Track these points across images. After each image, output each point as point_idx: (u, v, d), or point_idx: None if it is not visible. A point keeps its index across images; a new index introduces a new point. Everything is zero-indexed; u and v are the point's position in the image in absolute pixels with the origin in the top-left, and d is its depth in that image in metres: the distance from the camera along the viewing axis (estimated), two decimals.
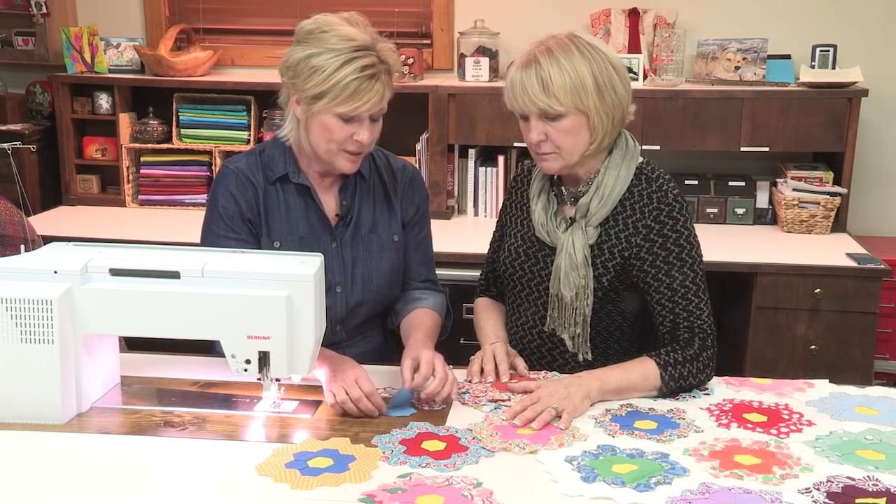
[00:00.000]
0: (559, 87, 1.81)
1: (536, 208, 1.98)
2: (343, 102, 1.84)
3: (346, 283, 2.03)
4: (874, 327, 3.00)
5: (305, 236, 2.01)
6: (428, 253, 2.19)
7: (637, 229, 1.91)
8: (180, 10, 3.98)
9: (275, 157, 2.01)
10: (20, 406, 1.65)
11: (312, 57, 1.85)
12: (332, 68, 1.83)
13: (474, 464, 1.53)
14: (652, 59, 3.60)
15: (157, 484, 1.48)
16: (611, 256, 1.92)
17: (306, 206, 2.01)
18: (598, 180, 1.91)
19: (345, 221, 2.04)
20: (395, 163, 2.13)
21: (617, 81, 1.85)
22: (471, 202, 3.65)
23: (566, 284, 1.91)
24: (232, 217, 1.98)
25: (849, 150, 3.38)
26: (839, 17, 3.59)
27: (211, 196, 2.03)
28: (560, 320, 1.95)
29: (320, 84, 1.84)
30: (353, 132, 1.88)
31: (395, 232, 2.08)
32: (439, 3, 3.79)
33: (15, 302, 1.62)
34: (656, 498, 1.42)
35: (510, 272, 2.04)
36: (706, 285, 1.91)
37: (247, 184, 1.99)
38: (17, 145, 3.72)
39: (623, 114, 1.89)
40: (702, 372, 1.85)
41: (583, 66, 1.82)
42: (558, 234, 1.93)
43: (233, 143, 3.70)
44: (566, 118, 1.83)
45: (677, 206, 1.91)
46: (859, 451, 1.59)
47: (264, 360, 1.69)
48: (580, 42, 1.85)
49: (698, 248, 1.93)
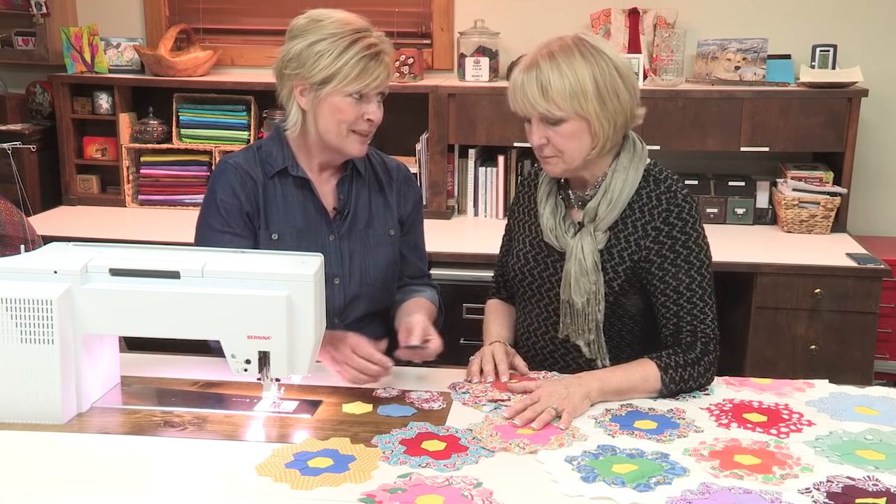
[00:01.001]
0: (558, 92, 1.79)
1: (544, 213, 1.96)
2: (353, 81, 1.90)
3: (343, 275, 2.05)
4: (874, 327, 3.00)
5: (303, 229, 2.03)
6: (423, 249, 2.25)
7: (646, 232, 1.89)
8: (180, 10, 3.98)
9: (273, 152, 2.04)
10: (20, 406, 1.65)
11: (315, 44, 1.91)
12: (337, 51, 1.89)
13: (474, 464, 1.53)
14: (652, 59, 3.60)
15: (157, 484, 1.48)
16: (621, 261, 1.91)
17: (304, 200, 2.03)
18: (606, 184, 1.89)
19: (342, 215, 2.06)
20: (389, 161, 2.19)
21: (621, 87, 1.83)
22: (471, 202, 3.65)
23: (577, 290, 1.90)
24: (229, 211, 2.00)
25: (849, 150, 3.38)
26: (839, 17, 3.59)
27: (209, 190, 2.05)
28: (573, 327, 1.93)
29: (328, 67, 1.89)
30: (364, 111, 1.93)
31: (391, 227, 2.12)
32: (439, 3, 3.79)
33: (15, 302, 1.62)
34: (656, 498, 1.42)
35: (519, 277, 2.03)
36: (713, 289, 1.90)
37: (246, 178, 2.02)
38: (17, 145, 3.72)
39: (626, 119, 1.86)
40: (702, 376, 1.84)
41: (584, 71, 1.80)
42: (567, 238, 1.92)
43: (233, 143, 3.70)
44: (567, 123, 1.82)
45: (687, 206, 1.89)
46: (859, 451, 1.59)
47: (264, 360, 1.70)
48: (585, 46, 1.82)
49: (707, 250, 1.91)
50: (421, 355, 1.90)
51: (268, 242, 2.01)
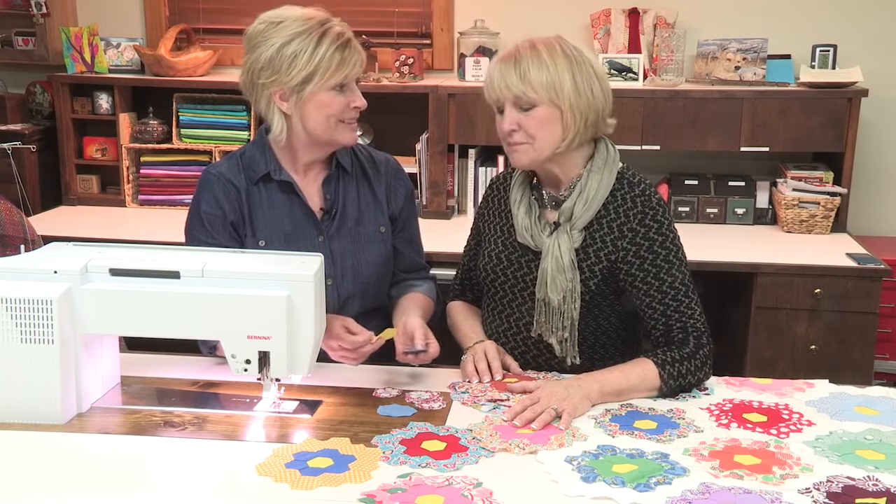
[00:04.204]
0: (535, 79, 1.83)
1: (519, 213, 1.98)
2: (334, 74, 1.90)
3: (335, 275, 2.04)
4: (874, 327, 3.00)
5: (291, 232, 2.02)
6: (419, 243, 2.24)
7: (622, 233, 1.92)
8: (180, 10, 3.98)
9: (255, 157, 2.04)
10: (20, 406, 1.65)
11: (284, 46, 1.90)
12: (310, 47, 1.89)
13: (474, 464, 1.53)
14: (652, 59, 3.60)
15: (157, 484, 1.48)
16: (597, 260, 1.93)
17: (290, 203, 2.03)
18: (582, 184, 1.92)
19: (330, 215, 2.05)
20: (377, 155, 2.17)
21: (596, 86, 1.87)
22: (471, 202, 3.65)
23: (553, 288, 1.91)
24: (213, 223, 2.00)
25: (849, 150, 3.38)
26: (839, 17, 3.59)
27: (193, 202, 2.05)
28: (547, 325, 1.95)
29: (305, 66, 1.89)
30: (349, 100, 1.95)
31: (382, 223, 2.11)
32: (439, 3, 3.79)
33: (15, 302, 1.62)
34: (656, 498, 1.42)
35: (492, 278, 2.04)
36: (694, 285, 1.93)
37: (229, 186, 2.01)
38: (17, 145, 3.72)
39: (598, 118, 1.89)
40: (700, 370, 1.85)
41: (563, 64, 1.84)
42: (543, 238, 1.94)
43: (233, 143, 3.69)
44: (539, 108, 1.85)
45: (661, 209, 1.93)
46: (859, 451, 1.59)
47: (264, 360, 1.70)
48: (566, 44, 1.88)
49: (682, 249, 1.95)
50: (421, 359, 1.90)
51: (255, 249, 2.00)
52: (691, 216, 3.55)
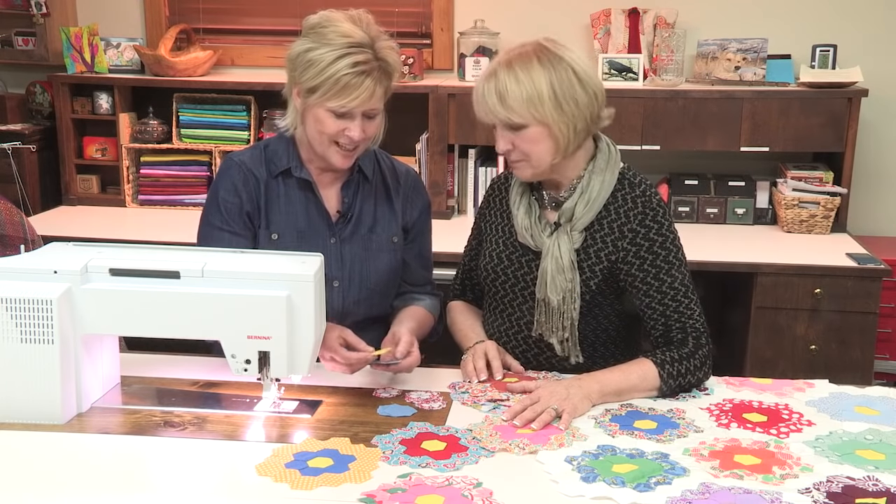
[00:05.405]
0: (514, 99, 1.82)
1: (519, 213, 1.98)
2: (333, 97, 1.86)
3: (342, 278, 2.04)
4: (874, 327, 3.00)
5: (304, 230, 2.02)
6: (428, 258, 2.22)
7: (623, 233, 1.92)
8: (180, 10, 3.98)
9: (279, 151, 2.03)
10: (20, 406, 1.65)
11: (310, 51, 1.88)
12: (325, 63, 1.85)
13: (474, 464, 1.53)
14: (652, 59, 3.60)
15: (157, 484, 1.48)
16: (597, 260, 1.93)
17: (307, 201, 2.03)
18: (583, 185, 1.92)
19: (345, 219, 2.05)
20: (399, 167, 2.15)
21: (579, 92, 1.84)
22: (471, 202, 3.65)
23: (553, 288, 1.91)
24: (229, 209, 2.00)
25: (849, 151, 3.38)
26: (839, 17, 3.59)
27: (212, 186, 2.05)
28: (547, 325, 1.95)
29: (314, 77, 1.87)
30: (345, 127, 1.90)
31: (395, 233, 2.10)
32: (439, 3, 3.79)
33: (15, 302, 1.62)
34: (656, 498, 1.42)
35: (492, 278, 2.04)
36: (694, 285, 1.93)
37: (249, 176, 2.01)
38: (17, 145, 3.72)
39: (587, 122, 1.87)
40: (699, 369, 1.85)
41: (541, 78, 1.82)
42: (543, 238, 1.94)
43: (233, 143, 3.70)
44: (528, 129, 1.85)
45: (661, 210, 1.93)
46: (859, 451, 1.59)
47: (264, 360, 1.70)
48: (543, 52, 1.85)
49: (682, 249, 1.95)
50: (392, 369, 1.87)
51: (267, 242, 2.01)
52: (691, 216, 3.56)
